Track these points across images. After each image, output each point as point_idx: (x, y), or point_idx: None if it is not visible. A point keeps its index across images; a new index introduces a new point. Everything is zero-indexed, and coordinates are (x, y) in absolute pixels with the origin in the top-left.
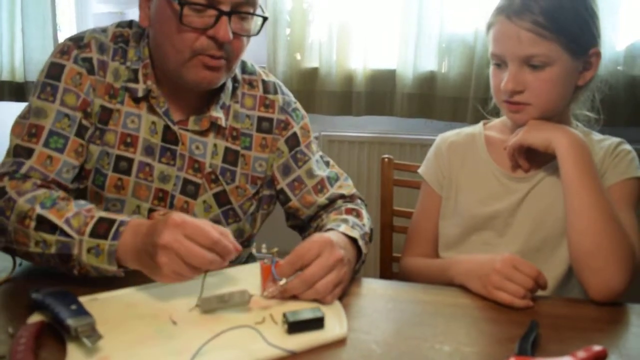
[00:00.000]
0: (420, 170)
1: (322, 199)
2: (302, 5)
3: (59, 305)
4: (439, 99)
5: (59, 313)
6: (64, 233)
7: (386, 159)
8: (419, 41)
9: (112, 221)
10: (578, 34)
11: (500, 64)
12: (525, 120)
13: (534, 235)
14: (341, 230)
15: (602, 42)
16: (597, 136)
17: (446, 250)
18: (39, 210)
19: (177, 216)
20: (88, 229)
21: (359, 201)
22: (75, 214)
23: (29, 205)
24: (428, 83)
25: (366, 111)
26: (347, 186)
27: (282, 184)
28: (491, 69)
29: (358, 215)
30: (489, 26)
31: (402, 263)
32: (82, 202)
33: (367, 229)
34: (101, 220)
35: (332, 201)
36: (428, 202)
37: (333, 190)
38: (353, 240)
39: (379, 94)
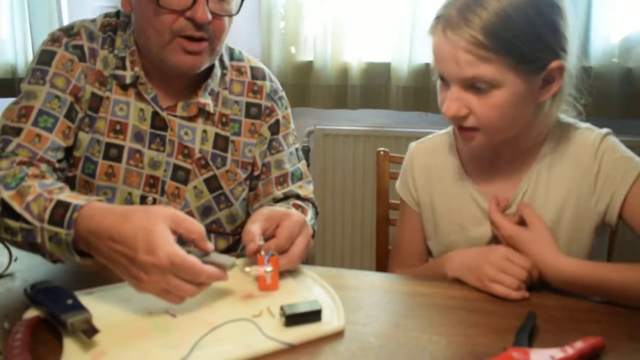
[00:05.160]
0: (396, 186)
1: (278, 193)
2: None
3: (54, 300)
4: (434, 92)
5: (55, 308)
6: (25, 221)
7: (382, 152)
8: (414, 34)
9: (68, 205)
10: (530, 51)
11: (445, 80)
12: (475, 147)
13: None
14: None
15: (596, 33)
16: (579, 127)
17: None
18: (2, 193)
19: (165, 256)
20: (47, 215)
21: (310, 204)
22: (35, 197)
23: None
24: (423, 76)
25: (361, 104)
26: (306, 188)
27: (259, 169)
28: (438, 82)
29: (303, 212)
30: (430, 32)
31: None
32: (48, 181)
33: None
34: (59, 204)
35: (286, 197)
36: (408, 218)
37: (291, 187)
38: None
39: (374, 87)
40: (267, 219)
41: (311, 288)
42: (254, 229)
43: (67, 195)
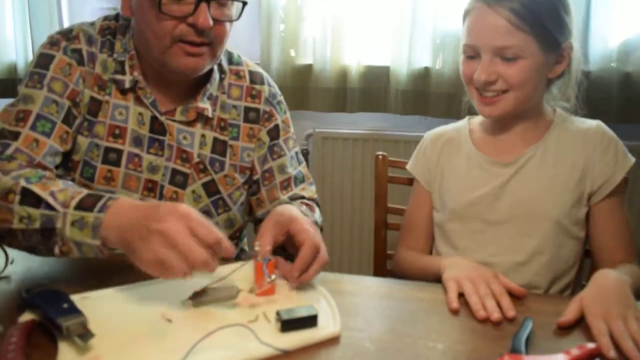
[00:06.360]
0: (408, 166)
1: (284, 197)
2: (296, 1)
3: (50, 304)
4: (433, 96)
5: (51, 312)
6: (48, 206)
7: (380, 156)
8: (413, 37)
9: (101, 196)
10: (552, 28)
11: (473, 55)
12: (497, 113)
13: (519, 218)
14: (296, 207)
15: (595, 37)
16: (574, 120)
17: (441, 240)
18: (23, 183)
19: (184, 207)
20: (74, 203)
21: (314, 203)
22: (61, 189)
23: (13, 181)
24: (422, 79)
25: (360, 108)
26: (309, 190)
27: (259, 174)
28: (461, 59)
29: (310, 209)
30: (466, 14)
31: (394, 255)
32: (70, 182)
33: (317, 220)
34: (89, 195)
35: (292, 200)
36: (417, 196)
37: (296, 191)
38: None
39: (373, 90)
40: (274, 225)
41: (307, 293)
42: (265, 241)
43: (96, 192)
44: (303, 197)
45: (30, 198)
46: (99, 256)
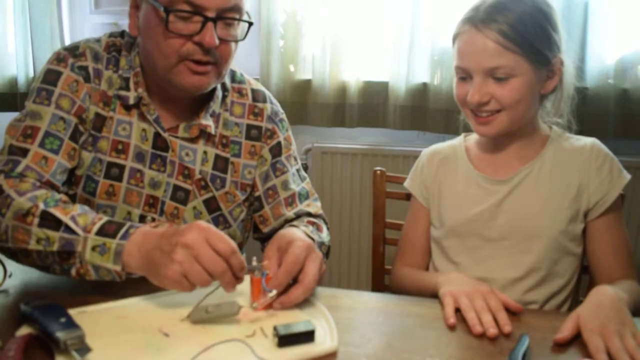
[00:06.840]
0: (405, 184)
1: (290, 213)
2: (296, 18)
3: (48, 318)
4: (432, 111)
5: (48, 325)
6: (69, 229)
7: (378, 172)
8: (411, 53)
9: (122, 224)
10: (541, 45)
11: (465, 77)
12: (493, 132)
13: (516, 235)
14: (302, 229)
15: (592, 55)
16: (570, 137)
17: (438, 255)
18: (42, 207)
19: (202, 222)
20: (95, 228)
21: (321, 220)
22: (81, 214)
23: (30, 203)
24: (420, 95)
25: (359, 123)
26: (314, 206)
27: (260, 191)
28: (455, 81)
29: (318, 228)
30: (455, 37)
31: (392, 271)
32: (86, 207)
33: (324, 240)
34: (110, 222)
35: (298, 216)
36: (415, 213)
37: (301, 207)
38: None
39: (371, 105)
40: (278, 249)
41: (305, 308)
42: (273, 265)
43: (115, 220)
44: (309, 214)
45: (49, 221)
46: (115, 280)
